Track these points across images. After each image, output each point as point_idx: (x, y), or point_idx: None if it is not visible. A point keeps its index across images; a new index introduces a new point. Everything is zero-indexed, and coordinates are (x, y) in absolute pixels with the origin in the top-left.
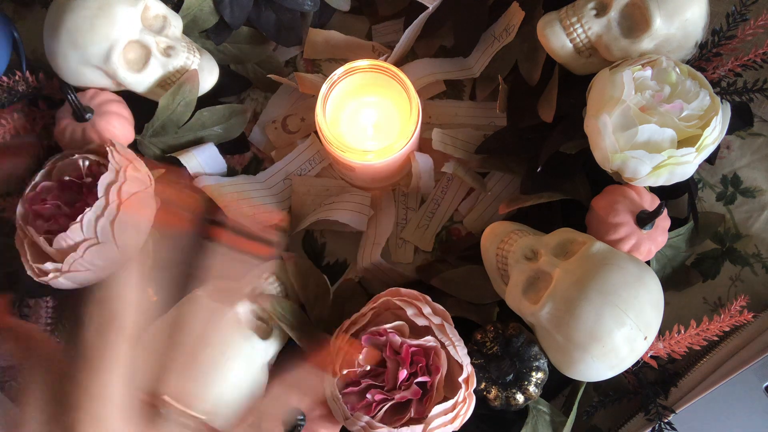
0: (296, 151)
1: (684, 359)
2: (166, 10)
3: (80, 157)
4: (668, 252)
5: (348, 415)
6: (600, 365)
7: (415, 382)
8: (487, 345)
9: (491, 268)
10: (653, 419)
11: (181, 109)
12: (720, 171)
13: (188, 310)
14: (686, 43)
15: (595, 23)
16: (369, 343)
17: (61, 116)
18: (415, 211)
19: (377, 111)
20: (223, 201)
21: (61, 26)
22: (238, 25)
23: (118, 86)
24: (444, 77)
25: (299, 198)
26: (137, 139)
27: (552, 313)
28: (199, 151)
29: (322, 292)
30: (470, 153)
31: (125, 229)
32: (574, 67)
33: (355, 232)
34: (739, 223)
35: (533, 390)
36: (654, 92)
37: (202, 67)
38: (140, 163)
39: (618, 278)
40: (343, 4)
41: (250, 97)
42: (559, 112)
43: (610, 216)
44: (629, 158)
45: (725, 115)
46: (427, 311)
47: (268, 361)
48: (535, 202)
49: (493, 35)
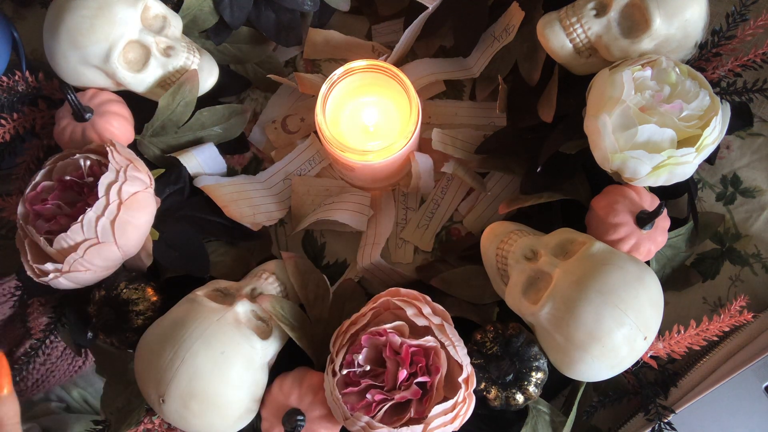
0: (296, 151)
1: (684, 359)
2: (165, 10)
3: (81, 156)
4: (668, 252)
5: (348, 415)
6: (600, 365)
7: (415, 382)
8: (487, 345)
9: (491, 268)
10: (653, 419)
11: (181, 109)
12: (720, 171)
13: (188, 310)
14: (686, 43)
15: (595, 23)
16: (369, 343)
17: (61, 116)
18: (415, 211)
19: (377, 111)
20: (223, 201)
21: (61, 26)
22: (238, 25)
23: (118, 86)
24: (444, 77)
25: (299, 198)
26: (137, 139)
27: (552, 313)
28: (199, 151)
29: (322, 292)
30: (470, 153)
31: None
32: (574, 67)
33: (355, 232)
34: (738, 223)
35: (533, 390)
36: (654, 92)
37: (202, 67)
38: (140, 163)
39: (618, 278)
40: (343, 4)
41: (250, 97)
42: (559, 112)
43: (609, 216)
44: (629, 158)
45: (725, 115)
46: (427, 311)
47: (268, 361)
48: (535, 202)
49: (493, 35)
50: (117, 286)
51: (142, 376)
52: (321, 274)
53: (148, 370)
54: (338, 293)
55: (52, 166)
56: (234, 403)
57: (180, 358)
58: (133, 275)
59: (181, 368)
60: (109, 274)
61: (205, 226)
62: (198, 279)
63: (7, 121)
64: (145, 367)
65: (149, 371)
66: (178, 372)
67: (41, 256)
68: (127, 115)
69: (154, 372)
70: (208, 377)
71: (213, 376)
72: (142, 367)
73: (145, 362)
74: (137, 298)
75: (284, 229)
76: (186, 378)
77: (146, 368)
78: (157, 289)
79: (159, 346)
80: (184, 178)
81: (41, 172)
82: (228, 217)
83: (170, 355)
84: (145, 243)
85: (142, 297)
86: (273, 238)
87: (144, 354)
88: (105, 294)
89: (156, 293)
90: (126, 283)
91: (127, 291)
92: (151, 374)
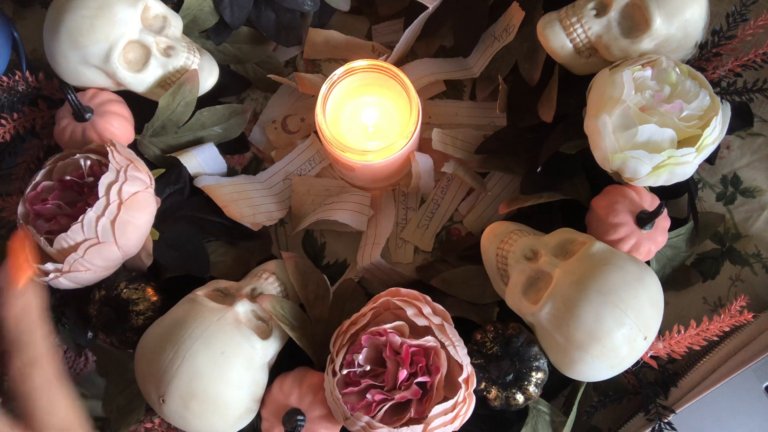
0: (296, 151)
1: (684, 359)
2: (166, 10)
3: (81, 156)
4: (668, 252)
5: (348, 415)
6: (600, 365)
7: (415, 382)
8: (487, 345)
9: (491, 268)
10: (653, 419)
11: (181, 109)
12: (720, 171)
13: (188, 310)
14: (686, 43)
15: (595, 23)
16: (369, 343)
17: (61, 116)
18: (415, 211)
19: (377, 111)
20: (223, 201)
21: (61, 26)
22: (238, 25)
23: (118, 86)
24: (444, 77)
25: (299, 198)
26: (137, 139)
27: (552, 313)
28: (199, 151)
29: (322, 292)
30: (470, 153)
31: (126, 229)
32: (574, 67)
33: (355, 232)
34: (739, 223)
35: (533, 390)
36: (654, 92)
37: (202, 67)
38: (140, 163)
39: (618, 278)
40: (343, 4)
41: (250, 97)
42: (559, 112)
43: (610, 216)
44: (629, 158)
45: (725, 115)
46: (427, 311)
47: (268, 361)
48: (535, 202)
49: (493, 35)
50: (117, 286)
51: (142, 376)
52: (321, 274)
53: (148, 370)
54: (338, 293)
55: (52, 166)
56: (234, 403)
57: (180, 358)
58: (133, 275)
59: (182, 368)
60: (109, 274)
61: (205, 226)
62: (198, 279)
63: (7, 121)
64: (145, 367)
65: (149, 371)
66: (178, 372)
67: (41, 256)
68: (127, 115)
69: (154, 372)
70: (208, 377)
71: (213, 376)
72: (142, 367)
73: (146, 362)
74: (137, 298)
75: (284, 229)
76: (186, 378)
77: (146, 368)
78: (157, 289)
79: (159, 346)
80: (184, 178)
81: (41, 172)
82: (228, 217)
83: (170, 355)
84: (145, 243)
85: (142, 297)
86: (273, 238)
87: (144, 354)
88: (105, 294)
89: (156, 293)
90: (126, 283)
91: (127, 291)
92: (152, 374)
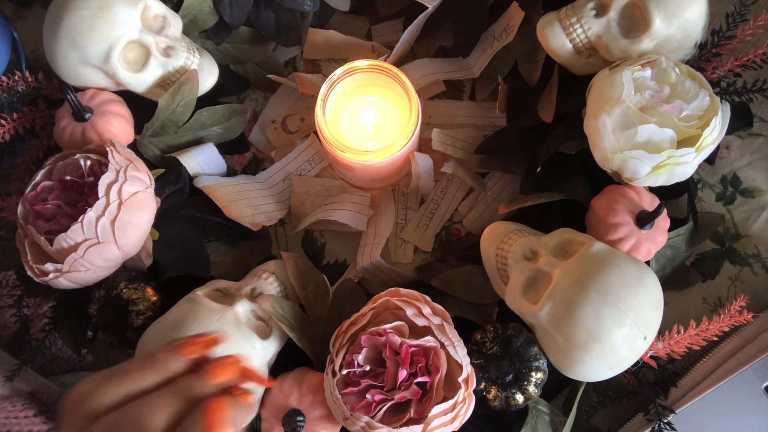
0: (296, 151)
1: (684, 359)
2: (165, 10)
3: (81, 156)
4: (668, 252)
5: (348, 416)
6: (600, 365)
7: (414, 383)
8: (486, 345)
9: (491, 268)
10: (653, 419)
11: (181, 109)
12: (720, 171)
13: (188, 310)
14: (686, 44)
15: (595, 23)
16: (369, 343)
17: (61, 116)
18: (415, 211)
19: (377, 111)
20: (222, 201)
21: (61, 26)
22: (238, 25)
23: (117, 86)
24: (444, 77)
25: (299, 198)
26: (137, 139)
27: (552, 313)
28: (199, 151)
29: (322, 292)
30: (470, 153)
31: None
32: (574, 67)
33: (355, 232)
34: (738, 223)
35: (533, 390)
36: (654, 92)
37: (202, 67)
38: (140, 163)
39: (617, 278)
40: (342, 4)
41: (249, 97)
42: (558, 112)
43: (609, 216)
44: (629, 158)
45: (725, 115)
46: (427, 311)
47: (268, 362)
48: (535, 202)
49: (492, 35)
50: (117, 286)
51: None
52: (321, 274)
53: None
54: (338, 293)
55: (52, 166)
56: None
57: None
58: (133, 275)
59: None
60: (109, 274)
61: (205, 226)
62: (198, 279)
63: (7, 121)
64: None
65: None
66: None
67: (41, 256)
68: (127, 115)
69: None
70: None
71: None
72: None
73: None
74: (137, 298)
75: (284, 229)
76: None
77: None
78: (157, 289)
79: (159, 345)
80: (184, 178)
81: (41, 172)
82: (228, 217)
83: None
84: (145, 243)
85: (142, 297)
86: (273, 238)
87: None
88: (105, 294)
89: (156, 293)
90: (126, 283)
91: (127, 291)
92: None
